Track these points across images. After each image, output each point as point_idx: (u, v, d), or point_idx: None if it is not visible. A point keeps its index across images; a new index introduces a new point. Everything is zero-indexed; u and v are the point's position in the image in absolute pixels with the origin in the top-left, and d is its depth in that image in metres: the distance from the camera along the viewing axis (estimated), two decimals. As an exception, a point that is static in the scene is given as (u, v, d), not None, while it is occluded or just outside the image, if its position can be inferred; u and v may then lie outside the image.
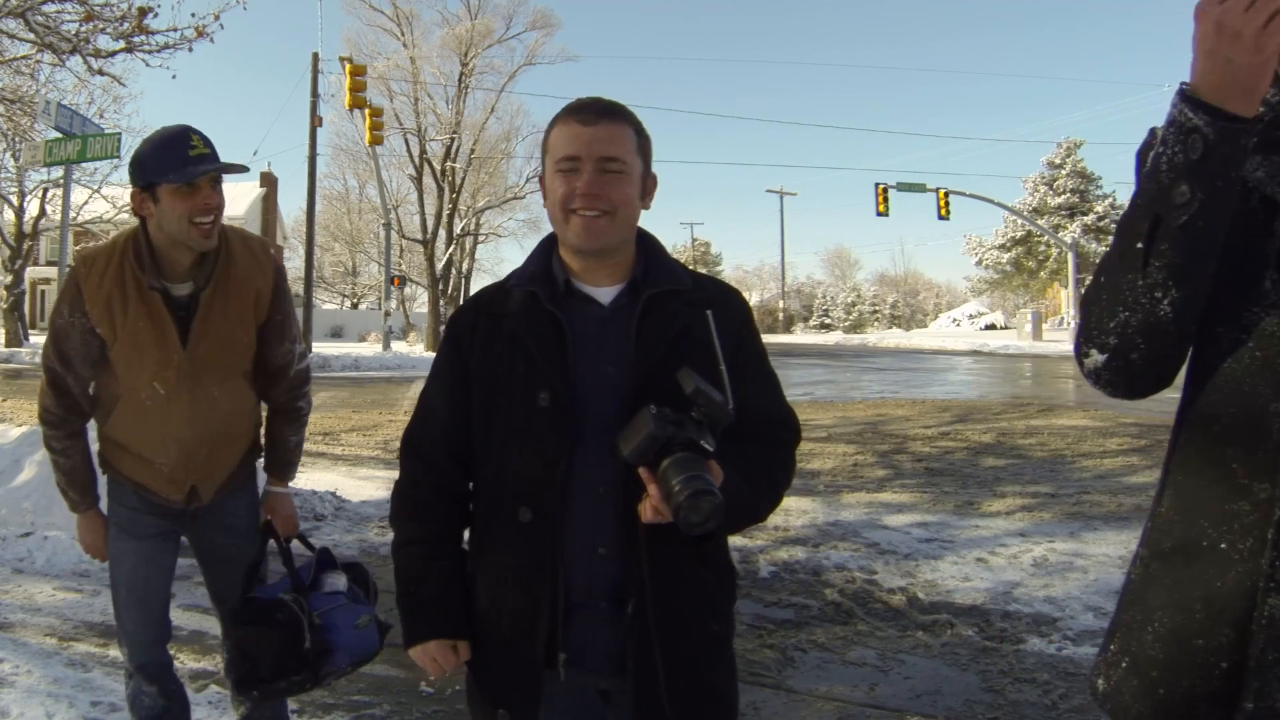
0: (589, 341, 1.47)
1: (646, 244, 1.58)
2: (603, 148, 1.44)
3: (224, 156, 2.15)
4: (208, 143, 2.11)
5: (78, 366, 2.22)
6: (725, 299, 1.55)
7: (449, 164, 31.22)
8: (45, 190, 25.32)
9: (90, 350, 2.19)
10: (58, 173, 15.66)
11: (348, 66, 21.56)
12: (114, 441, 2.30)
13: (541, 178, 1.53)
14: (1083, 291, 1.13)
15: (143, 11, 7.93)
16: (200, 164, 2.06)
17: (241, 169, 2.17)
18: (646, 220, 1.62)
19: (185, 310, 2.17)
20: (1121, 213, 1.07)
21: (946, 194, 30.55)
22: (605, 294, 1.51)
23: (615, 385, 1.44)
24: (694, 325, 1.47)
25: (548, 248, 1.56)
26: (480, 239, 42.23)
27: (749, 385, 1.50)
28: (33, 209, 26.29)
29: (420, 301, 38.67)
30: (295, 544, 2.40)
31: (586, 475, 1.44)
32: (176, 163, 2.04)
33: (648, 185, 1.53)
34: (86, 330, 2.16)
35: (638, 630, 1.43)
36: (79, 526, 2.42)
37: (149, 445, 2.26)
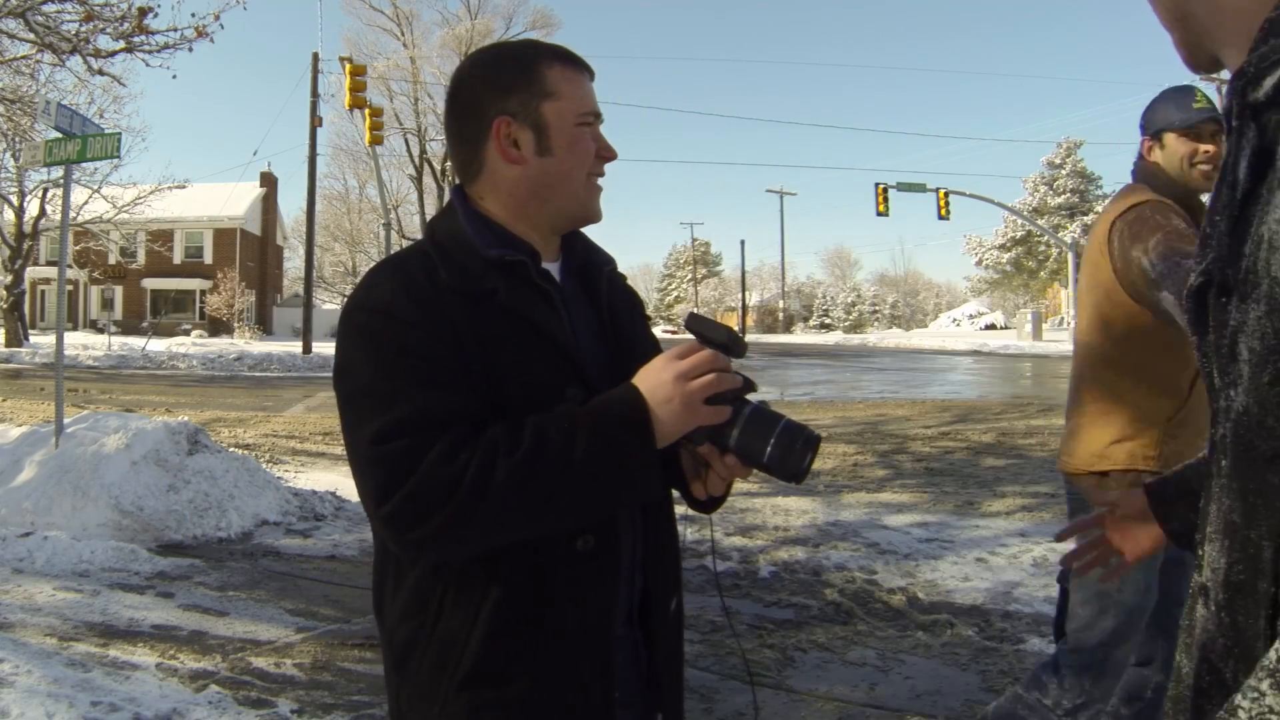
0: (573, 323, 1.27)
1: None
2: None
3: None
4: (1209, 100, 2.32)
5: None
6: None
7: (449, 164, 31.28)
8: (45, 190, 25.29)
9: None
10: (58, 173, 15.64)
11: (348, 66, 21.53)
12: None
13: (530, 123, 1.19)
14: None
15: (143, 11, 7.94)
16: (1200, 114, 2.28)
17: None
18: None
19: None
20: None
21: (946, 194, 30.54)
22: (554, 269, 1.29)
23: (617, 371, 1.18)
24: (636, 300, 1.40)
25: (472, 212, 1.23)
26: (480, 239, 42.16)
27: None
28: (33, 209, 26.26)
29: (420, 301, 38.68)
30: None
31: None
32: (1181, 110, 2.27)
33: None
34: None
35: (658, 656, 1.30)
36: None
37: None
